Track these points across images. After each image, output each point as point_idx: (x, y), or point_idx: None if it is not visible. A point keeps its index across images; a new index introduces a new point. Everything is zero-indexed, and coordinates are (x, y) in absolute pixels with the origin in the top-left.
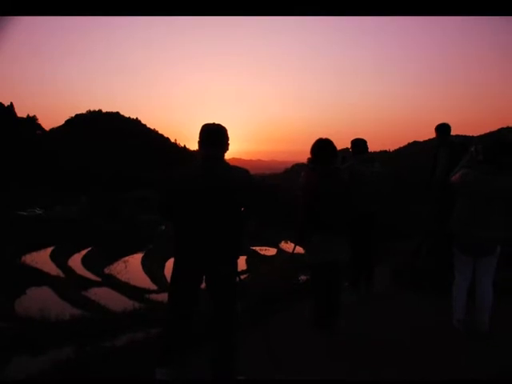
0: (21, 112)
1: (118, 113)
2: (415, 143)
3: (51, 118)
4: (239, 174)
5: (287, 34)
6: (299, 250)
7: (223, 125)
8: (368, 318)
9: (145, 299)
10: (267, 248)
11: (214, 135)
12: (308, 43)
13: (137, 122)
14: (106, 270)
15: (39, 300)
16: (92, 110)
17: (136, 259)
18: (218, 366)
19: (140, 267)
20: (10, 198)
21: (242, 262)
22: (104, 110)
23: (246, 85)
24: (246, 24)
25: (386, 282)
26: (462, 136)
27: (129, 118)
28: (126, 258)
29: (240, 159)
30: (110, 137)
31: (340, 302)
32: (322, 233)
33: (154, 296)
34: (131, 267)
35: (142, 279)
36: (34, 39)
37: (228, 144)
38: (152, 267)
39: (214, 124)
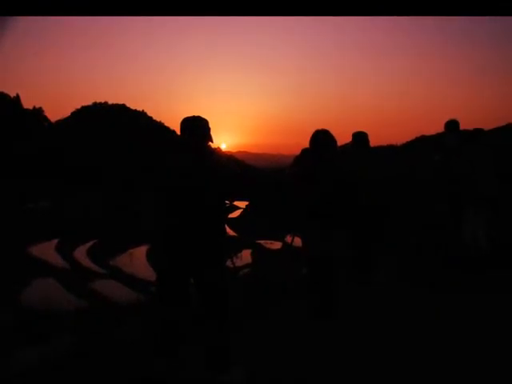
0: (27, 103)
1: (124, 105)
2: (423, 138)
3: (57, 110)
4: (226, 165)
5: (292, 33)
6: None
7: (225, 118)
8: (368, 312)
9: (149, 291)
10: (272, 242)
11: (196, 126)
12: (309, 43)
13: (143, 114)
14: (111, 262)
15: (44, 291)
16: (98, 102)
17: (141, 252)
18: (213, 356)
19: (145, 259)
20: (19, 190)
21: (246, 256)
22: (110, 102)
23: (245, 83)
24: (252, 21)
25: (388, 275)
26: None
27: (135, 110)
28: (131, 250)
29: (245, 152)
30: (116, 129)
31: (337, 294)
32: (317, 225)
33: None
34: (136, 259)
35: (146, 271)
36: (41, 34)
37: (210, 135)
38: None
39: (193, 116)
